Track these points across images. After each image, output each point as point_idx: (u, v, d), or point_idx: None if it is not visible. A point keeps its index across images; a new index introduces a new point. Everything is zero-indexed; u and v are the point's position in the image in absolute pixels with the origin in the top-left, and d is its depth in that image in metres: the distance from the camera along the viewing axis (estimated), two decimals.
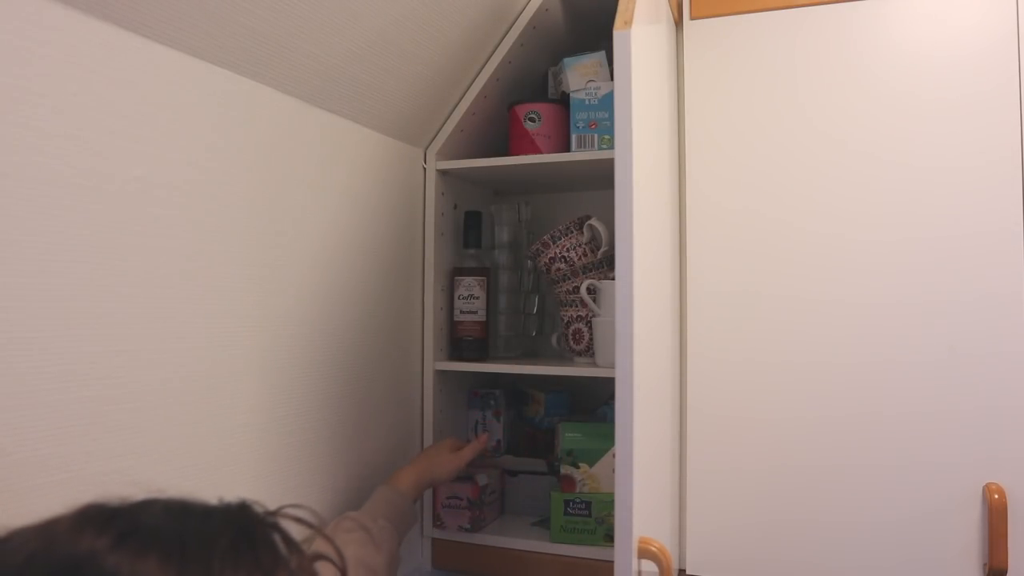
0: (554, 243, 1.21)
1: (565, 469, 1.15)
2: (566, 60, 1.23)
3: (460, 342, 1.25)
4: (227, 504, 0.46)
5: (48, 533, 0.41)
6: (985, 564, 0.93)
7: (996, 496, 0.92)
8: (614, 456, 1.09)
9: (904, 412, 0.97)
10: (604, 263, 1.21)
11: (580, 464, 1.15)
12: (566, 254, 1.20)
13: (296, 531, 0.48)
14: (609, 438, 1.12)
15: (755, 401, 1.03)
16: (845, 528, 0.99)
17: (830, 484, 1.00)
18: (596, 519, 1.13)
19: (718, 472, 1.05)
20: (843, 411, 1.00)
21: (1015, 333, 0.94)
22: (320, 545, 0.68)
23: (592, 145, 1.18)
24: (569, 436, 1.16)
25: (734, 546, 1.03)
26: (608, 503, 1.12)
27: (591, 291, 1.18)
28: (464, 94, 1.24)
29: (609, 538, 1.11)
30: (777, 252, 1.04)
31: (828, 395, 1.00)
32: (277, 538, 0.45)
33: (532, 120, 1.22)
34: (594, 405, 1.31)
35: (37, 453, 0.64)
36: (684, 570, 1.05)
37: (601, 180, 1.23)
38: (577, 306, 1.21)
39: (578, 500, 1.13)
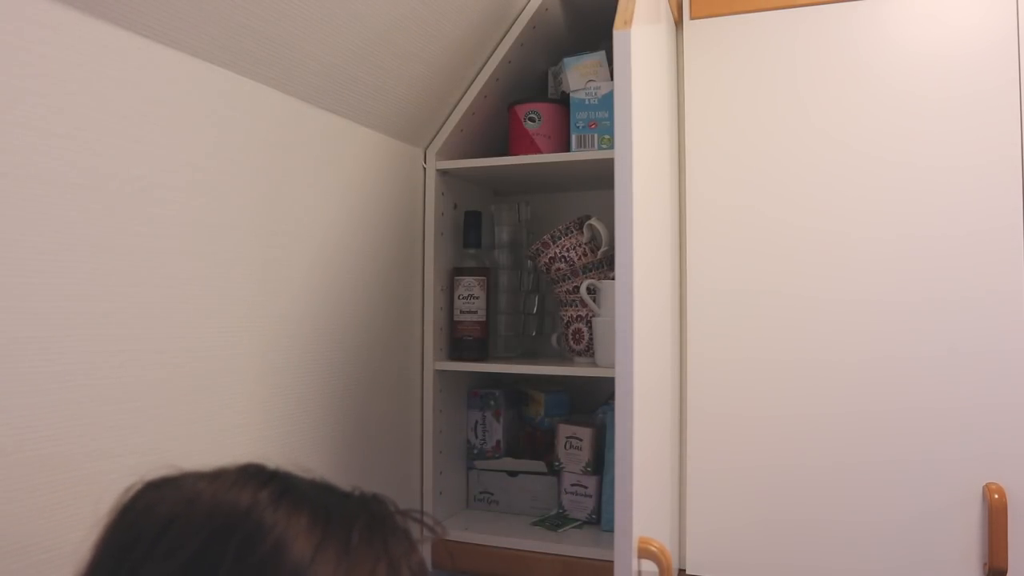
0: (554, 243, 1.21)
1: None
2: (566, 60, 1.23)
3: (460, 342, 1.25)
4: (363, 492, 0.50)
5: (215, 480, 0.45)
6: (985, 564, 0.93)
7: (996, 496, 0.92)
8: None
9: (904, 411, 0.97)
10: (604, 263, 1.21)
11: None
12: (566, 254, 1.20)
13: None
14: None
15: (755, 400, 1.03)
16: (845, 527, 0.99)
17: (830, 483, 1.00)
18: None
19: (718, 471, 1.05)
20: (843, 410, 1.00)
21: (1015, 332, 0.94)
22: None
23: (592, 145, 1.18)
24: None
25: (734, 546, 1.03)
26: None
27: (591, 291, 1.18)
28: (464, 94, 1.24)
29: None
30: (777, 251, 1.04)
31: (828, 394, 1.00)
32: (406, 540, 0.49)
33: (532, 120, 1.22)
34: (594, 405, 1.31)
35: (37, 453, 0.64)
36: (684, 570, 1.05)
37: (601, 180, 1.23)
38: (577, 306, 1.21)
39: None
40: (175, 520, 0.43)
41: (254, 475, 0.46)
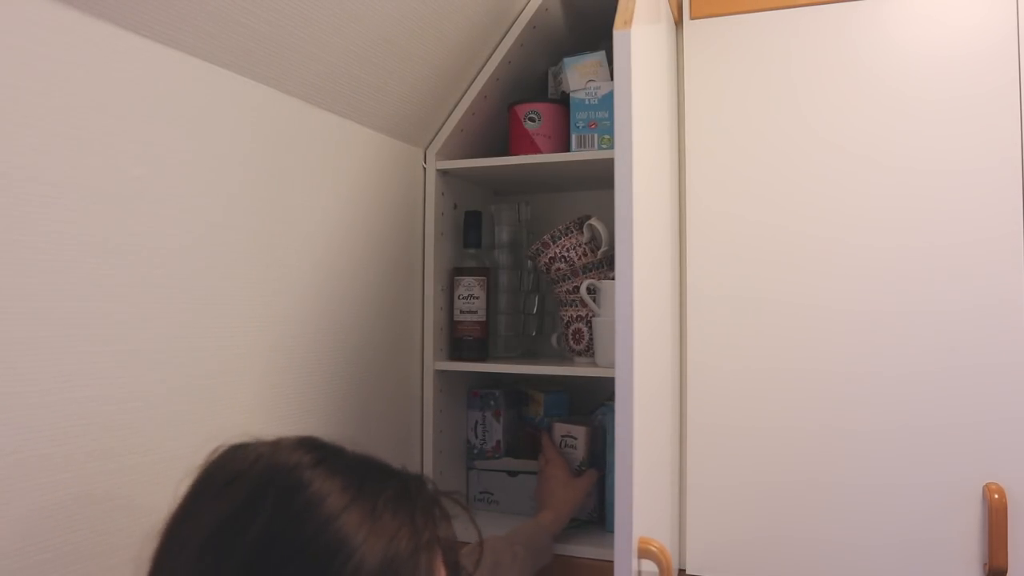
0: (554, 243, 1.21)
1: None
2: (566, 60, 1.23)
3: (460, 342, 1.25)
4: (406, 471, 0.59)
5: (275, 445, 0.56)
6: (985, 564, 0.93)
7: (996, 496, 0.92)
8: None
9: (904, 412, 0.97)
10: (604, 263, 1.21)
11: None
12: (566, 254, 1.20)
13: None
14: None
15: (754, 403, 1.03)
16: (845, 528, 0.99)
17: (830, 484, 0.99)
18: None
19: (718, 472, 1.04)
20: (843, 411, 1.00)
21: (1015, 333, 0.94)
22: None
23: (592, 145, 1.18)
24: None
25: (734, 546, 1.03)
26: None
27: (591, 291, 1.18)
28: (464, 94, 1.24)
29: None
30: (776, 257, 1.03)
31: (828, 395, 1.00)
32: (436, 512, 0.57)
33: (532, 120, 1.22)
34: (593, 405, 1.31)
35: (37, 453, 0.64)
36: (684, 570, 1.05)
37: (601, 180, 1.23)
38: (577, 306, 1.21)
39: None
40: (238, 475, 0.54)
41: (306, 444, 0.56)
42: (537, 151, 1.21)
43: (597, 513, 1.21)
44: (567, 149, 1.20)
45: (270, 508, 0.51)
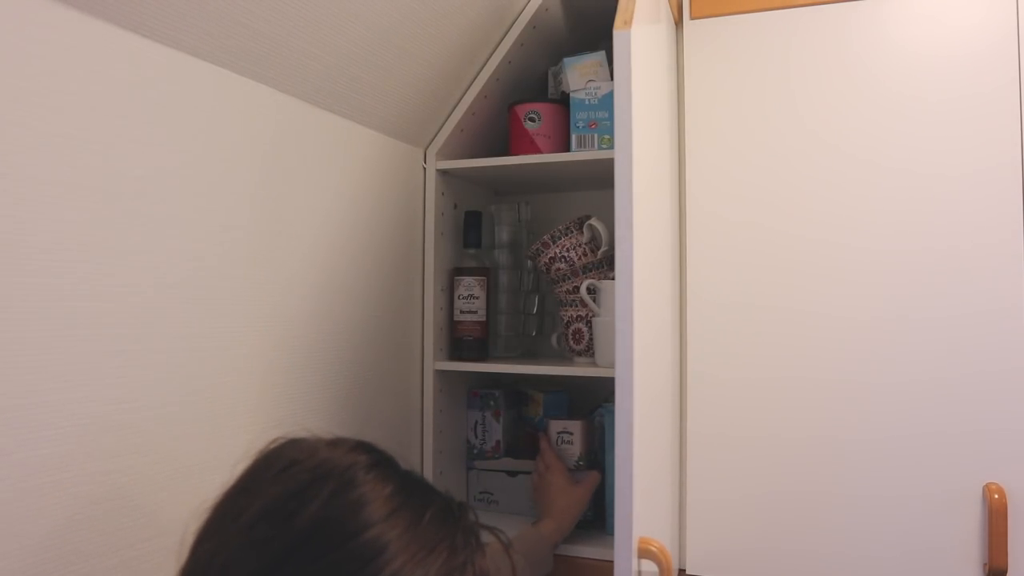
0: (554, 243, 1.21)
1: None
2: (566, 60, 1.23)
3: (460, 342, 1.25)
4: (452, 496, 0.62)
5: (333, 443, 0.60)
6: (985, 564, 0.93)
7: (996, 496, 0.92)
8: None
9: (904, 415, 0.97)
10: (604, 263, 1.21)
11: None
12: (566, 254, 1.20)
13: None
14: None
15: (754, 404, 1.03)
16: (845, 528, 0.99)
17: (830, 484, 1.00)
18: None
19: (718, 472, 1.04)
20: (842, 411, 1.00)
21: (1015, 334, 0.94)
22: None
23: (592, 145, 1.18)
24: None
25: (734, 546, 1.03)
26: None
27: (591, 291, 1.18)
28: (464, 94, 1.24)
29: None
30: (775, 261, 1.03)
31: (827, 398, 1.00)
32: (474, 540, 0.59)
33: (532, 120, 1.22)
34: (593, 405, 1.31)
35: (37, 453, 0.64)
36: (684, 570, 1.05)
37: (601, 180, 1.23)
38: (577, 306, 1.21)
39: None
40: (295, 463, 0.57)
41: (363, 448, 0.60)
42: (537, 151, 1.21)
43: (592, 512, 1.21)
44: (567, 149, 1.20)
45: (323, 499, 0.54)
